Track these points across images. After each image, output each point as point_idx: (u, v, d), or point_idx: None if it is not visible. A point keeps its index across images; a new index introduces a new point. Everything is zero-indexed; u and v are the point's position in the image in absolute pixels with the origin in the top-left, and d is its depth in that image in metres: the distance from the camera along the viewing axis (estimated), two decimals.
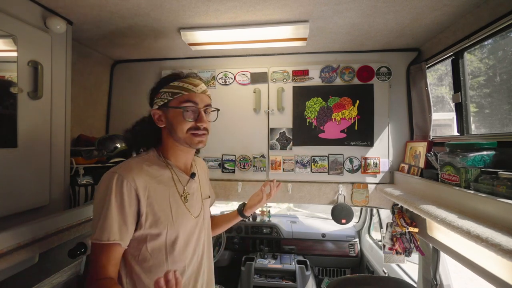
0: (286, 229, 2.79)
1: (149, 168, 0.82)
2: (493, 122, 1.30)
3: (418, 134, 1.62)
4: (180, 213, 0.83)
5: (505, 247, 0.69)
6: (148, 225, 0.77)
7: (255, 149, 1.79)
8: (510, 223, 0.80)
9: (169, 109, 0.84)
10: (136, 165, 0.80)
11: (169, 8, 1.16)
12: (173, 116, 0.84)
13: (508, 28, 1.05)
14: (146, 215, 0.76)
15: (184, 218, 0.84)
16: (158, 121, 0.87)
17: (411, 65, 1.67)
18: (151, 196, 0.78)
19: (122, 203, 0.73)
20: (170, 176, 0.85)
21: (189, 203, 0.88)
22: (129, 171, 0.76)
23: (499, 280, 0.92)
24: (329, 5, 1.14)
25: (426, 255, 1.50)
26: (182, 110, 0.82)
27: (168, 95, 0.84)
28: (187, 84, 0.84)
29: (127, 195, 0.73)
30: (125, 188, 0.73)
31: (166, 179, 0.84)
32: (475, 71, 1.34)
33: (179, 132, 0.83)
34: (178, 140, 0.85)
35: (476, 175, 1.03)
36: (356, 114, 1.70)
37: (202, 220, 0.93)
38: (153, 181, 0.80)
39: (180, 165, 0.90)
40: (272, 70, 1.77)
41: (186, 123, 0.83)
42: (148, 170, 0.81)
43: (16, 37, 0.99)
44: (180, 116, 0.82)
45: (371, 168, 1.69)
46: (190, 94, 0.84)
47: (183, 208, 0.85)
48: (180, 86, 0.84)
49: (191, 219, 0.86)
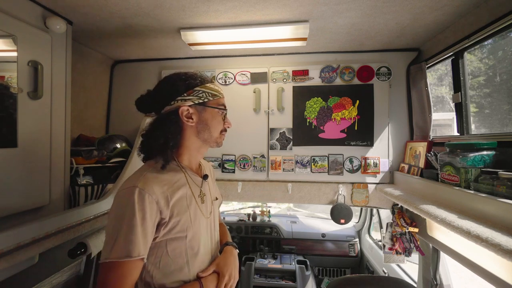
0: (286, 229, 2.79)
1: (165, 175, 0.80)
2: (493, 122, 1.30)
3: (418, 134, 1.62)
4: (197, 214, 0.84)
5: (505, 247, 0.69)
6: (168, 230, 0.76)
7: (255, 149, 1.79)
8: (510, 223, 0.80)
9: (206, 109, 0.86)
10: (153, 175, 0.77)
11: (169, 8, 1.16)
12: (211, 116, 0.86)
13: (508, 28, 1.05)
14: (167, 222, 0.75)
15: (200, 219, 0.85)
16: (188, 118, 0.83)
17: (411, 65, 1.67)
18: (173, 204, 0.77)
19: (144, 217, 0.70)
20: (185, 179, 0.85)
21: (204, 204, 0.89)
22: (148, 184, 0.74)
23: (499, 280, 0.92)
24: (329, 5, 1.14)
25: (426, 255, 1.50)
26: (223, 111, 0.89)
27: (208, 95, 0.85)
28: (218, 88, 0.90)
29: (149, 208, 0.71)
30: (147, 202, 0.71)
31: (183, 183, 0.84)
32: (475, 71, 1.34)
33: (214, 132, 0.87)
34: (209, 139, 0.88)
35: (476, 175, 1.03)
36: (356, 114, 1.70)
37: (213, 221, 0.94)
38: (172, 188, 0.79)
39: (192, 167, 0.91)
40: (272, 70, 1.77)
41: (222, 124, 0.90)
42: (166, 178, 0.79)
43: (16, 37, 0.99)
44: (219, 117, 0.88)
45: (371, 168, 1.69)
46: (223, 98, 0.91)
47: (198, 209, 0.85)
48: (217, 89, 0.88)
49: (204, 219, 0.87)
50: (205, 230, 0.87)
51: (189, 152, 0.88)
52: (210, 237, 0.90)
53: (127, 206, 0.70)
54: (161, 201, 0.74)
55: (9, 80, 0.99)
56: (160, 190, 0.75)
